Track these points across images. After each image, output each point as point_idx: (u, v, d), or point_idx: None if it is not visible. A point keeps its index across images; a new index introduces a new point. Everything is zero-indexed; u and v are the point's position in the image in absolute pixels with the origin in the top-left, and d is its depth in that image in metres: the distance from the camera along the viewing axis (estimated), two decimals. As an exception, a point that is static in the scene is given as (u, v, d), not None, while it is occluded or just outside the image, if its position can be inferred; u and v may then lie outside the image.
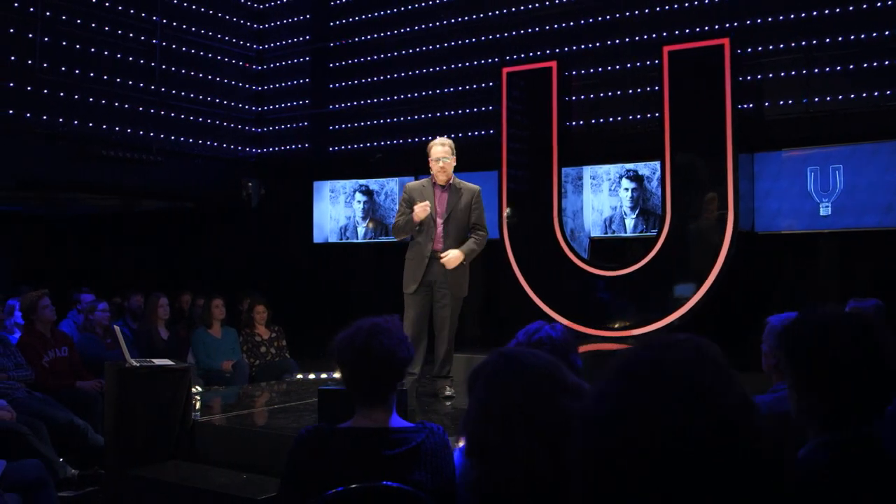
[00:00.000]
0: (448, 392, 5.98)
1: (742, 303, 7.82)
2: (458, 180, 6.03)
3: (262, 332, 8.02)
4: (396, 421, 2.39)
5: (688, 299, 7.91)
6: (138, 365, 4.81)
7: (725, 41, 7.71)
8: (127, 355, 4.93)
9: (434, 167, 5.93)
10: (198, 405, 5.10)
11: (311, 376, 7.27)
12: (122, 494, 4.74)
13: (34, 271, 11.90)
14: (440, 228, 5.84)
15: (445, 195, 5.91)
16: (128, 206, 11.37)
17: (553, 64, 8.80)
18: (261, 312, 7.93)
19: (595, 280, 8.51)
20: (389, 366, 2.32)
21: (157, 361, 4.99)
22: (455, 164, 6.06)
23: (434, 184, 5.96)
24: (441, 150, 5.91)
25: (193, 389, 5.16)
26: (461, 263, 5.80)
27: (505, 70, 9.06)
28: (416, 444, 2.34)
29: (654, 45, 8.21)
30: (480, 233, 5.97)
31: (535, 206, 8.93)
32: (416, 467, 2.32)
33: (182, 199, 10.31)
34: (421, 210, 5.68)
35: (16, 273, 12.71)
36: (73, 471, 5.47)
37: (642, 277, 8.23)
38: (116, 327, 5.48)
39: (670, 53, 8.00)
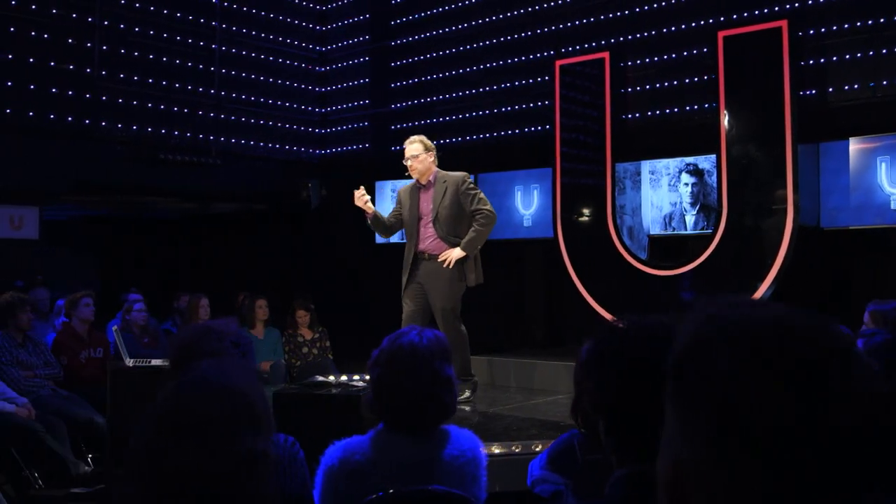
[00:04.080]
0: (466, 395, 5.80)
1: (806, 304, 7.26)
2: (443, 174, 5.82)
3: (306, 332, 8.01)
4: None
5: (746, 300, 7.43)
6: (132, 365, 4.82)
7: (783, 23, 7.22)
8: (125, 356, 4.95)
9: (406, 168, 5.79)
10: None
11: (333, 378, 7.17)
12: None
13: (119, 273, 12.35)
14: (423, 230, 5.67)
15: (429, 194, 5.73)
16: (203, 208, 11.64)
17: (605, 55, 8.47)
18: (302, 315, 7.92)
19: (649, 280, 8.13)
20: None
21: (154, 362, 5.00)
22: (432, 158, 5.83)
23: (417, 184, 5.79)
24: (407, 151, 5.75)
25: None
26: (451, 267, 5.61)
27: (558, 63, 8.78)
28: (252, 456, 2.18)
29: (709, 31, 7.77)
30: (480, 217, 5.75)
31: (590, 203, 8.63)
32: (251, 481, 2.15)
33: (243, 202, 10.46)
34: (357, 198, 5.65)
35: (103, 275, 13.24)
36: (86, 468, 5.55)
37: (697, 277, 7.80)
38: (115, 328, 5.54)
39: (725, 39, 7.55)
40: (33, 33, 8.29)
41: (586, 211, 8.63)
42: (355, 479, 2.27)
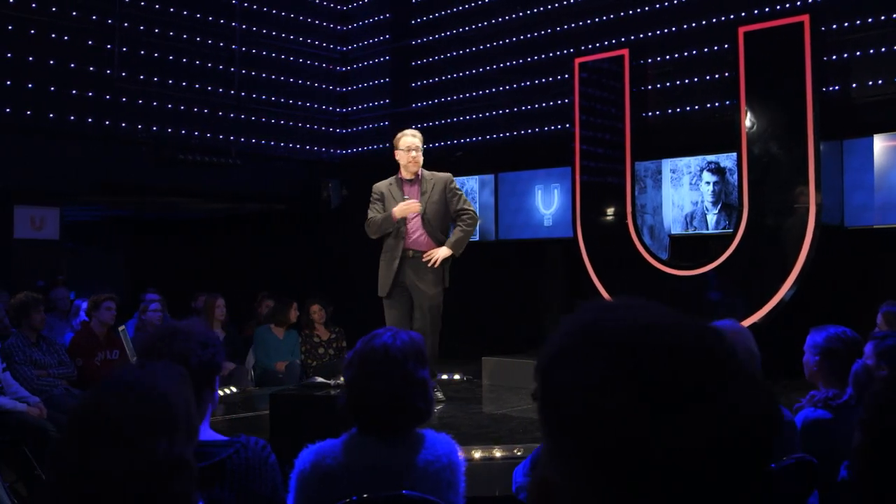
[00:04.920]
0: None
1: (830, 304, 7.12)
2: (426, 172, 5.73)
3: (322, 333, 8.00)
4: (204, 433, 2.19)
5: (767, 301, 7.30)
6: (138, 365, 4.81)
7: (805, 18, 7.07)
8: (131, 355, 4.95)
9: (404, 158, 5.63)
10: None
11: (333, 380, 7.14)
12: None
13: (145, 273, 12.44)
14: (412, 226, 5.59)
15: (416, 188, 5.63)
16: (225, 208, 11.69)
17: (625, 52, 8.37)
18: (316, 311, 7.91)
19: (670, 280, 8.01)
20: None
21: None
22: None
23: (402, 179, 5.67)
24: (412, 141, 5.63)
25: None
26: (438, 266, 5.54)
27: (577, 60, 8.69)
28: (218, 460, 2.14)
29: (729, 27, 7.64)
30: (466, 218, 5.67)
31: (610, 202, 8.53)
32: (218, 484, 2.12)
33: (263, 202, 10.48)
34: (409, 206, 5.43)
35: (131, 275, 13.36)
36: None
37: (718, 277, 7.67)
38: (121, 328, 5.55)
39: (745, 34, 7.41)
40: (53, 35, 8.36)
41: (606, 210, 8.53)
42: (327, 484, 2.23)
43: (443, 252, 5.51)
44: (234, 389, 6.14)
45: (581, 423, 0.67)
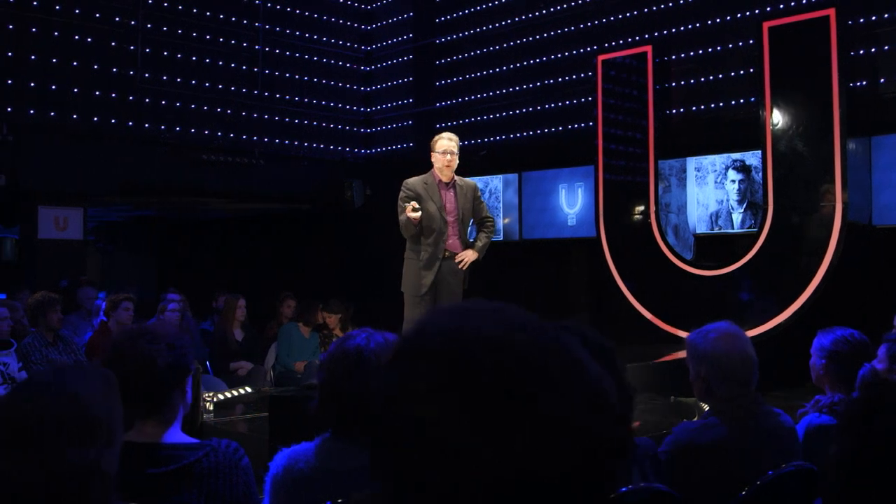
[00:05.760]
0: None
1: (857, 304, 6.94)
2: (457, 177, 5.68)
3: (339, 333, 7.97)
4: (173, 436, 2.16)
5: (793, 301, 7.14)
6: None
7: (831, 12, 6.90)
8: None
9: (440, 161, 5.53)
10: (209, 406, 5.06)
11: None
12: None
13: (174, 274, 12.54)
14: (451, 228, 5.54)
15: (452, 193, 5.57)
16: (249, 209, 11.72)
17: (648, 48, 8.26)
18: (327, 317, 7.90)
19: (693, 280, 7.87)
20: (150, 373, 2.09)
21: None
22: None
23: (438, 182, 5.59)
24: (448, 144, 5.54)
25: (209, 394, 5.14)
26: (465, 269, 5.56)
27: (599, 58, 8.59)
28: (187, 463, 2.10)
29: (754, 22, 7.48)
30: (490, 225, 5.76)
31: (633, 201, 8.41)
32: (186, 488, 2.08)
33: (286, 202, 10.49)
34: (414, 213, 5.33)
35: (160, 275, 13.48)
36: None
37: (742, 277, 7.52)
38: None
39: (770, 29, 7.26)
40: (76, 37, 8.43)
41: (629, 209, 8.41)
42: (300, 488, 2.18)
43: (472, 255, 5.52)
44: (248, 389, 6.13)
45: (398, 433, 0.61)
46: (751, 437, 2.59)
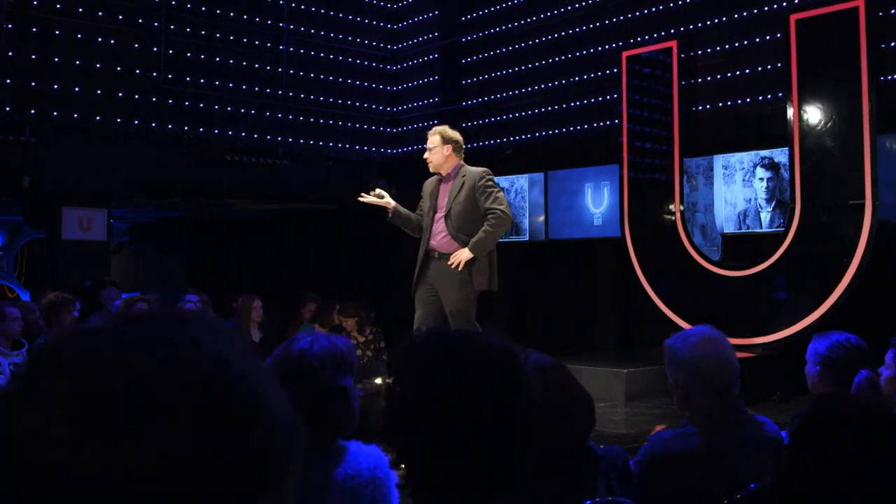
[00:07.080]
0: None
1: (889, 305, 6.69)
2: (466, 168, 5.45)
3: (357, 335, 7.90)
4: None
5: (821, 302, 6.91)
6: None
7: (860, 3, 6.67)
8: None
9: None
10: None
11: (377, 381, 7.03)
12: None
13: (202, 274, 12.62)
14: (435, 225, 5.37)
15: (447, 187, 5.41)
16: (275, 209, 11.74)
17: (673, 43, 8.07)
18: (347, 319, 7.83)
19: (719, 281, 7.66)
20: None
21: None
22: (448, 151, 5.42)
23: (440, 177, 5.49)
24: (429, 139, 5.45)
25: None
26: (461, 269, 5.22)
27: (624, 54, 8.42)
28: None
29: (781, 15, 7.27)
30: (491, 217, 5.18)
31: (658, 199, 8.22)
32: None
33: (311, 202, 10.47)
34: (373, 199, 5.39)
35: (191, 275, 13.58)
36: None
37: (769, 278, 7.30)
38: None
39: (798, 22, 7.05)
40: (100, 39, 8.49)
41: (654, 208, 8.23)
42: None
43: (464, 255, 5.17)
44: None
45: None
46: (729, 448, 2.45)
